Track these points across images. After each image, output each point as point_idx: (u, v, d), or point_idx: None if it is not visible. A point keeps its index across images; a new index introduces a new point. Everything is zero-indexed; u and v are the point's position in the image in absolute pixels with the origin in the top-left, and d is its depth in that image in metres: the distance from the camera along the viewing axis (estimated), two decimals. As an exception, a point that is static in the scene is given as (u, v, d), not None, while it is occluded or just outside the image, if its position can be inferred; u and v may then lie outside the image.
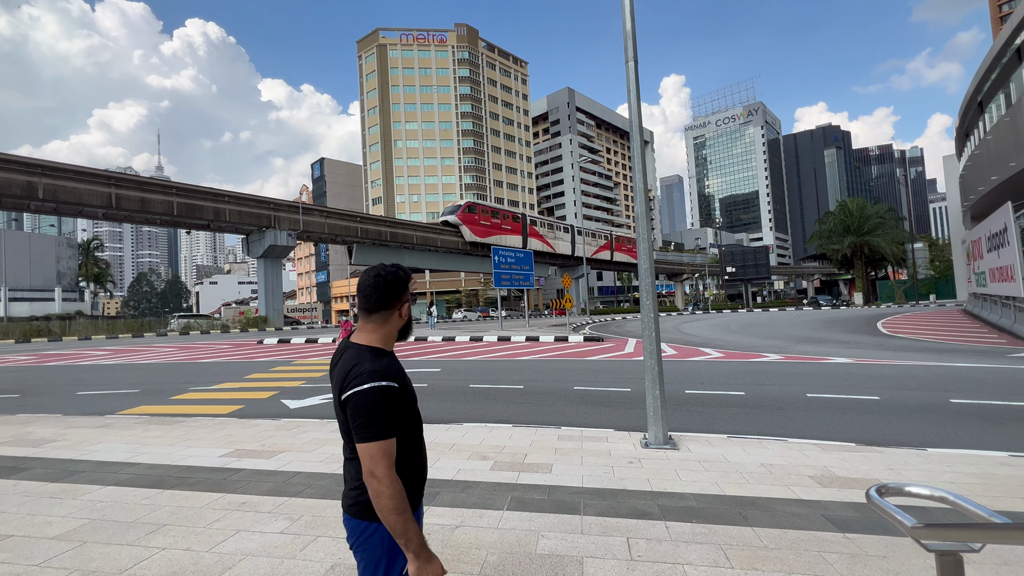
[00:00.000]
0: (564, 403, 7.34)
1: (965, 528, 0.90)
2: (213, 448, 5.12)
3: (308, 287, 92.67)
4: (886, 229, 60.04)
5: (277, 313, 37.16)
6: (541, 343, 17.90)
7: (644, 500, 3.51)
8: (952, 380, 8.37)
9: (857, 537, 2.89)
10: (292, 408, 7.46)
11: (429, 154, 78.83)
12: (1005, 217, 15.52)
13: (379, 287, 1.47)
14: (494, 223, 49.41)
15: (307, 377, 10.56)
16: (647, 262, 5.07)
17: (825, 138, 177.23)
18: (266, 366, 12.83)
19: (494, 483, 3.88)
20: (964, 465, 4.23)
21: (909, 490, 1.16)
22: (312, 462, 4.55)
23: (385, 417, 1.33)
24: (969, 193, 25.92)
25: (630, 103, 5.15)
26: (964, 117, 27.31)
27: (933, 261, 66.10)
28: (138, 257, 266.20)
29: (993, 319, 20.07)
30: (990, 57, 21.43)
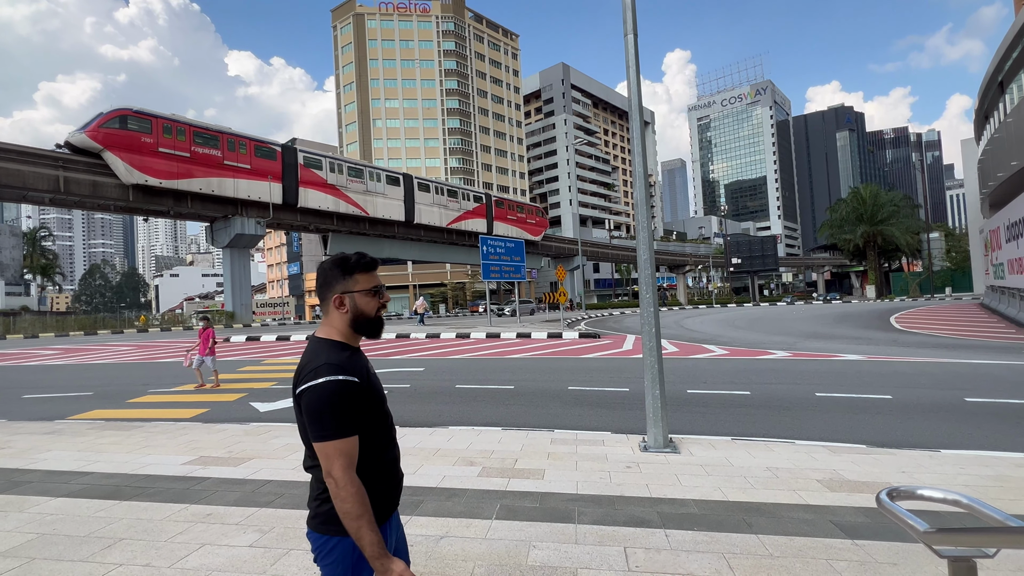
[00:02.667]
0: (558, 404, 7.38)
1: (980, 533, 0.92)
2: (175, 455, 5.07)
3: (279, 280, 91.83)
4: (900, 218, 60.96)
5: (245, 308, 36.80)
6: (533, 340, 17.95)
7: (643, 507, 3.55)
8: (968, 378, 8.55)
9: (867, 544, 2.95)
10: (262, 411, 7.41)
11: (411, 135, 78.19)
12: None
13: (318, 276, 1.48)
14: (197, 152, 29.95)
15: (278, 378, 10.50)
16: (647, 252, 5.09)
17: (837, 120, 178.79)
18: (233, 366, 12.72)
19: (482, 490, 3.89)
20: (979, 467, 4.33)
21: (921, 493, 1.18)
22: (284, 470, 4.53)
23: (342, 414, 1.31)
24: (988, 179, 26.36)
25: (629, 80, 5.14)
26: (984, 98, 27.70)
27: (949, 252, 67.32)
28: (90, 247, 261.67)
29: (1011, 313, 20.51)
30: (1012, 33, 21.71)
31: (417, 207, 45.24)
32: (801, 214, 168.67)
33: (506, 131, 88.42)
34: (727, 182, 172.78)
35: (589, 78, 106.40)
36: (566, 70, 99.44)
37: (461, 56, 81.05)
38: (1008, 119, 21.17)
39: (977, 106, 30.25)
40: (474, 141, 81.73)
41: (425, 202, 45.91)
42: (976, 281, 44.14)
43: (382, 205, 42.81)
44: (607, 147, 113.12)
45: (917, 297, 53.03)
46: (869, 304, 44.62)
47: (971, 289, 49.82)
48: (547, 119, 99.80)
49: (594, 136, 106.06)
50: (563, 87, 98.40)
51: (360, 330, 1.48)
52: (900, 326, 20.28)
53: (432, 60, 79.38)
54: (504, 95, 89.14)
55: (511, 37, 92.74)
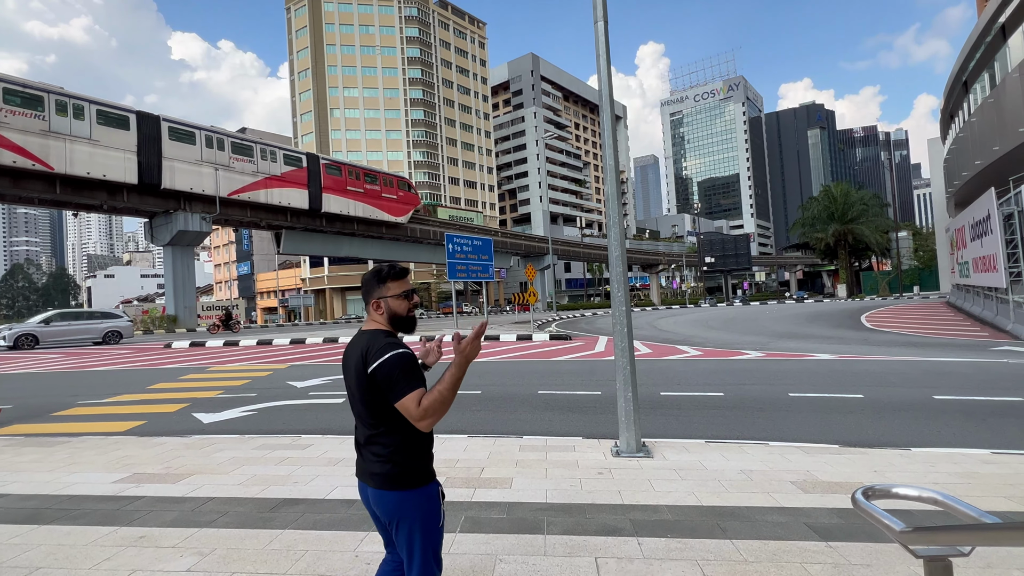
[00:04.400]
0: (527, 409, 7.36)
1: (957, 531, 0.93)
2: (105, 473, 4.82)
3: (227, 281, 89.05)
4: (870, 217, 63.72)
5: (189, 312, 35.52)
6: (502, 343, 17.92)
7: (615, 514, 3.55)
8: (936, 376, 8.97)
9: (840, 545, 3.03)
10: (206, 423, 7.13)
11: (372, 126, 77.07)
12: (988, 204, 16.74)
13: (362, 286, 2.01)
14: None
15: (225, 386, 10.14)
16: (618, 248, 5.12)
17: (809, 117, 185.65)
18: (174, 374, 12.23)
19: (446, 501, 3.82)
20: (948, 464, 4.52)
21: (897, 492, 1.20)
22: (229, 486, 4.36)
23: (412, 372, 1.78)
24: (953, 178, 27.81)
25: (599, 69, 5.16)
26: (949, 98, 29.20)
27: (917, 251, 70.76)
28: (12, 245, 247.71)
29: (976, 311, 21.70)
30: (975, 34, 22.97)
31: (167, 165, 32.53)
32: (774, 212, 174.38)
33: (473, 124, 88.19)
34: (700, 179, 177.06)
35: (560, 70, 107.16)
36: (536, 61, 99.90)
37: (425, 44, 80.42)
38: (972, 119, 22.38)
39: (943, 106, 31.88)
40: (439, 134, 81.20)
41: (184, 158, 33.36)
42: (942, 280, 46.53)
43: (82, 155, 29.16)
44: (578, 142, 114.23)
45: (886, 296, 55.49)
46: (840, 303, 46.44)
47: (938, 288, 52.48)
48: (516, 112, 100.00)
49: (565, 130, 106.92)
50: (532, 79, 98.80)
51: (396, 326, 1.94)
52: (870, 325, 21.16)
53: (394, 47, 78.47)
54: (471, 86, 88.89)
55: (478, 25, 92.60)
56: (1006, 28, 19.57)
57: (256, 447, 5.58)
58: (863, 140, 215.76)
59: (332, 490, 4.17)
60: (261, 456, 5.23)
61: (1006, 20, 19.47)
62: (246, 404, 8.25)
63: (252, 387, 9.93)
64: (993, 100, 18.77)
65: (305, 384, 10.02)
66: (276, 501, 3.97)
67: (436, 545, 1.90)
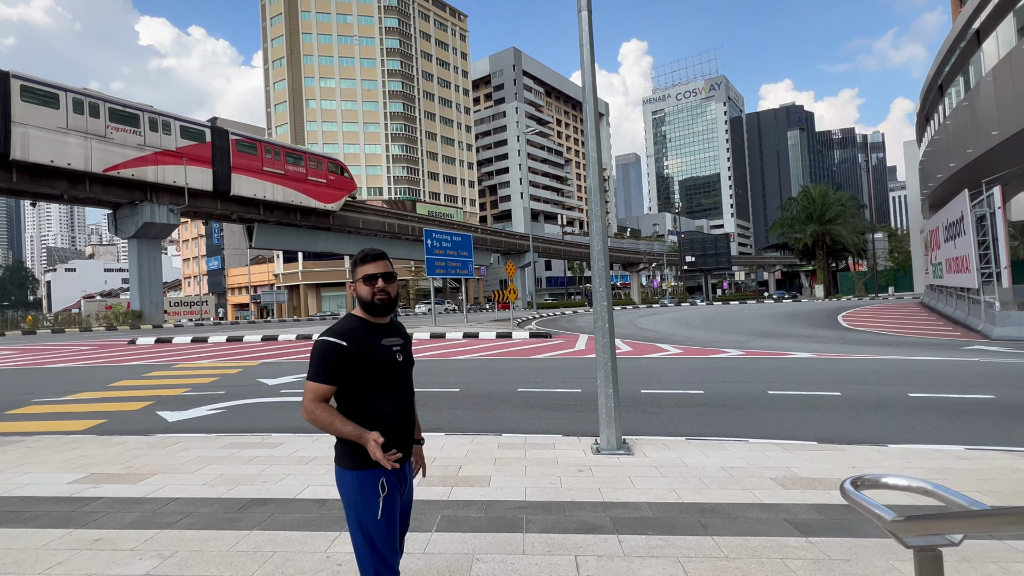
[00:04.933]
0: (506, 407, 7.33)
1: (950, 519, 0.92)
2: (60, 473, 4.63)
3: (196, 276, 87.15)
4: (848, 218, 65.25)
5: (155, 307, 34.66)
6: (481, 340, 17.86)
7: (595, 512, 3.53)
8: (910, 374, 9.20)
9: (820, 541, 3.06)
10: (171, 421, 6.94)
11: (349, 118, 76.09)
12: (962, 206, 17.24)
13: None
14: None
15: (192, 384, 9.89)
16: (600, 243, 5.11)
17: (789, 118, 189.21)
18: (138, 371, 11.89)
19: (421, 501, 3.76)
20: (923, 460, 4.62)
21: (886, 482, 1.19)
22: (193, 486, 4.23)
23: (318, 364, 1.86)
24: (928, 181, 28.61)
25: (583, 59, 5.13)
26: (925, 101, 30.02)
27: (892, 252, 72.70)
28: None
29: (948, 312, 22.37)
30: (950, 39, 23.63)
31: (19, 132, 27.48)
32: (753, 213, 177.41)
33: (453, 118, 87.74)
34: (681, 178, 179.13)
35: (542, 65, 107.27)
36: (518, 55, 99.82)
37: (405, 35, 79.68)
38: (947, 122, 23.03)
39: (918, 109, 32.76)
40: (418, 127, 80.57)
41: (43, 124, 28.41)
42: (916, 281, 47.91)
43: None
44: (560, 139, 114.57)
45: (862, 296, 56.91)
46: (818, 303, 47.48)
47: (912, 288, 54.01)
48: (497, 106, 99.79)
49: (547, 126, 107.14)
50: (514, 73, 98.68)
51: (365, 310, 2.00)
52: (847, 324, 21.66)
53: (372, 37, 77.57)
54: (451, 79, 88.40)
55: (459, 17, 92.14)
56: (980, 33, 20.16)
57: (223, 446, 5.44)
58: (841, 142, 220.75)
59: (303, 489, 4.07)
60: (229, 455, 5.09)
61: (980, 25, 20.07)
62: (214, 402, 8.05)
63: (220, 385, 9.71)
64: (967, 104, 19.33)
65: (277, 382, 9.83)
66: (244, 501, 3.85)
67: (373, 537, 1.88)
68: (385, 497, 1.89)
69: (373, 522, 1.88)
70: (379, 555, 1.89)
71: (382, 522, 1.88)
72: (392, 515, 1.92)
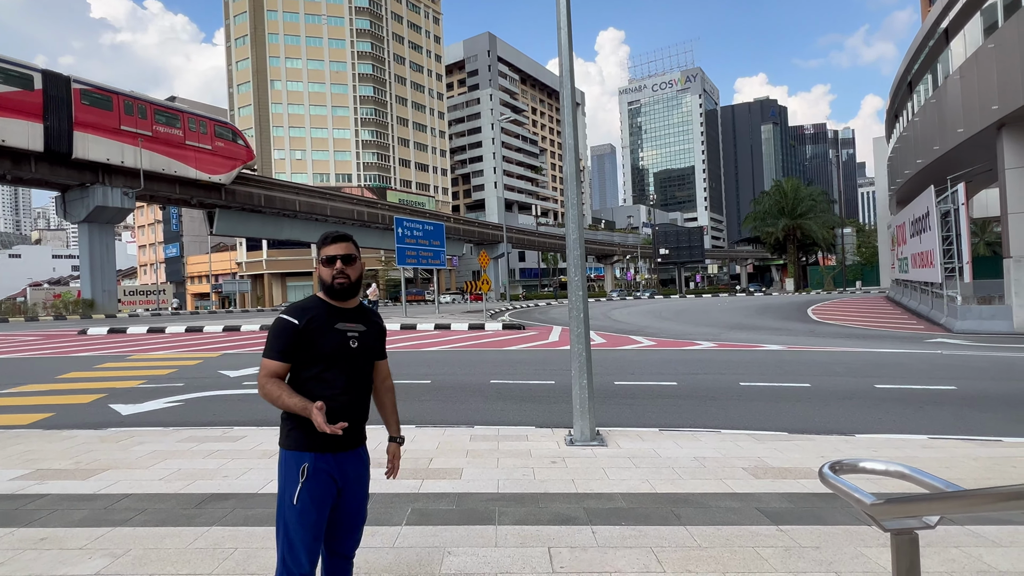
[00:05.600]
0: (478, 399, 7.31)
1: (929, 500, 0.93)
2: (2, 469, 4.42)
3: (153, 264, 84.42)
4: (818, 213, 67.13)
5: (108, 296, 33.44)
6: (453, 331, 17.79)
7: (568, 503, 3.55)
8: (877, 366, 9.53)
9: (791, 529, 3.14)
10: (125, 415, 6.70)
11: (317, 100, 74.36)
12: (928, 202, 17.88)
13: None
14: None
15: (148, 376, 9.58)
16: (576, 231, 5.11)
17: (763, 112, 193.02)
18: (90, 363, 11.46)
19: (391, 494, 3.72)
20: (889, 449, 4.79)
21: (864, 466, 1.20)
22: (148, 481, 4.09)
23: (272, 340, 1.91)
24: (896, 177, 29.57)
25: (560, 43, 5.09)
26: (894, 98, 30.95)
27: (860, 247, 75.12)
28: None
29: (912, 305, 23.26)
30: (919, 37, 24.36)
31: None
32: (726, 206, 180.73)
33: (426, 103, 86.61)
34: (656, 170, 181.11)
35: (518, 51, 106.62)
36: (492, 41, 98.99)
37: (376, 16, 78.11)
38: (915, 118, 23.80)
39: (888, 106, 33.77)
40: (390, 112, 79.30)
41: None
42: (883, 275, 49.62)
43: None
44: (536, 128, 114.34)
45: (831, 290, 58.70)
46: (788, 296, 48.79)
47: (878, 283, 55.93)
48: (471, 93, 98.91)
49: (522, 114, 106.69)
50: (489, 59, 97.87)
51: (325, 292, 2.00)
52: (816, 317, 22.31)
53: (342, 17, 75.79)
54: (424, 63, 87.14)
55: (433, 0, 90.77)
56: (948, 32, 20.83)
57: (181, 439, 5.28)
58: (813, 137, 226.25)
59: (266, 484, 3.98)
60: (187, 449, 4.95)
61: (949, 24, 20.73)
62: (172, 395, 7.81)
63: (179, 376, 9.43)
64: (935, 101, 19.99)
65: (239, 373, 9.59)
66: (202, 496, 3.74)
67: (287, 521, 1.84)
68: (306, 483, 1.84)
69: (288, 506, 1.84)
70: (289, 543, 1.84)
71: (297, 508, 1.83)
72: (313, 505, 1.85)
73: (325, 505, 1.89)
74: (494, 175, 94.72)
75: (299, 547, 1.83)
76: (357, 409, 2.01)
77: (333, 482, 1.91)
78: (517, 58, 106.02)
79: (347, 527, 2.01)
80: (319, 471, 1.87)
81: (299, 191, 45.78)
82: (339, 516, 1.97)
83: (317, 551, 1.90)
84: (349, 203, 49.53)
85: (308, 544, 1.85)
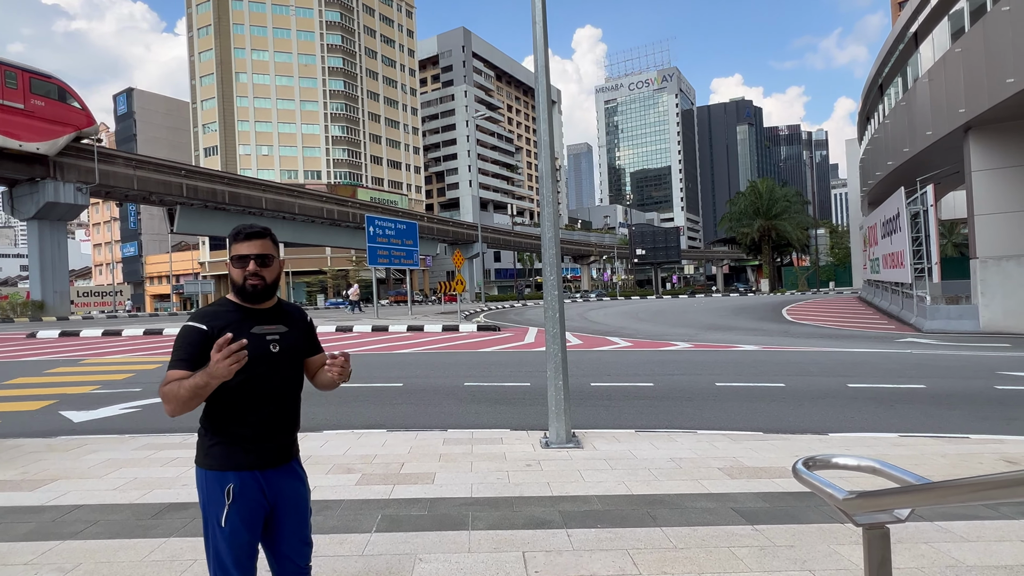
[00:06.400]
0: (452, 402, 7.28)
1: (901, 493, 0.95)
2: (-59, 482, 4.22)
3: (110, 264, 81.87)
4: (792, 213, 68.83)
5: (60, 297, 32.29)
6: (426, 333, 17.68)
7: (543, 507, 3.55)
8: (849, 365, 9.80)
9: (766, 528, 3.19)
10: (77, 422, 6.47)
11: (284, 94, 73.12)
12: (898, 203, 18.47)
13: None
14: None
15: (103, 380, 9.27)
16: (551, 229, 5.12)
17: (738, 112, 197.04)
18: (39, 367, 11.04)
19: (360, 500, 3.67)
20: (861, 448, 4.92)
21: (836, 461, 1.23)
22: (102, 491, 3.95)
23: (178, 350, 1.71)
24: (868, 178, 30.47)
25: (535, 38, 5.10)
26: (866, 101, 31.92)
27: (833, 248, 77.28)
28: None
29: (884, 306, 23.99)
30: (890, 41, 25.18)
31: None
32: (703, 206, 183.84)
33: (398, 99, 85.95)
34: (633, 170, 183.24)
35: (493, 48, 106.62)
36: (467, 36, 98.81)
37: (346, 8, 77.21)
38: (886, 121, 24.58)
39: (860, 108, 34.80)
40: (360, 107, 78.45)
41: None
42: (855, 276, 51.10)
43: None
44: (511, 125, 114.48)
45: (805, 291, 60.20)
46: (763, 297, 49.85)
47: (851, 283, 57.58)
48: (445, 89, 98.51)
49: (497, 112, 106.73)
50: (464, 55, 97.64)
51: (237, 295, 1.83)
52: (791, 318, 22.84)
53: (311, 8, 74.68)
54: (397, 57, 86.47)
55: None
56: (918, 36, 21.57)
57: (138, 447, 5.12)
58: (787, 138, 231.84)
59: (229, 492, 3.87)
60: (144, 457, 4.80)
61: (918, 28, 21.46)
62: (128, 400, 7.57)
63: (136, 381, 9.15)
64: (905, 104, 20.67)
65: (201, 378, 9.34)
66: (160, 506, 3.63)
67: (217, 545, 1.73)
68: (233, 504, 1.72)
69: (215, 528, 1.73)
70: (223, 568, 1.74)
71: (226, 530, 1.71)
72: (243, 526, 1.74)
73: (257, 525, 1.78)
74: (469, 173, 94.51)
75: (233, 572, 1.74)
76: (284, 420, 1.87)
77: (264, 499, 1.79)
78: (492, 54, 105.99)
79: (292, 544, 1.88)
80: (247, 490, 1.74)
81: (266, 188, 44.98)
82: (279, 535, 1.85)
83: (253, 573, 1.81)
84: (318, 201, 48.84)
85: (244, 566, 1.76)
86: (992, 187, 15.09)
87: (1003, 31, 12.91)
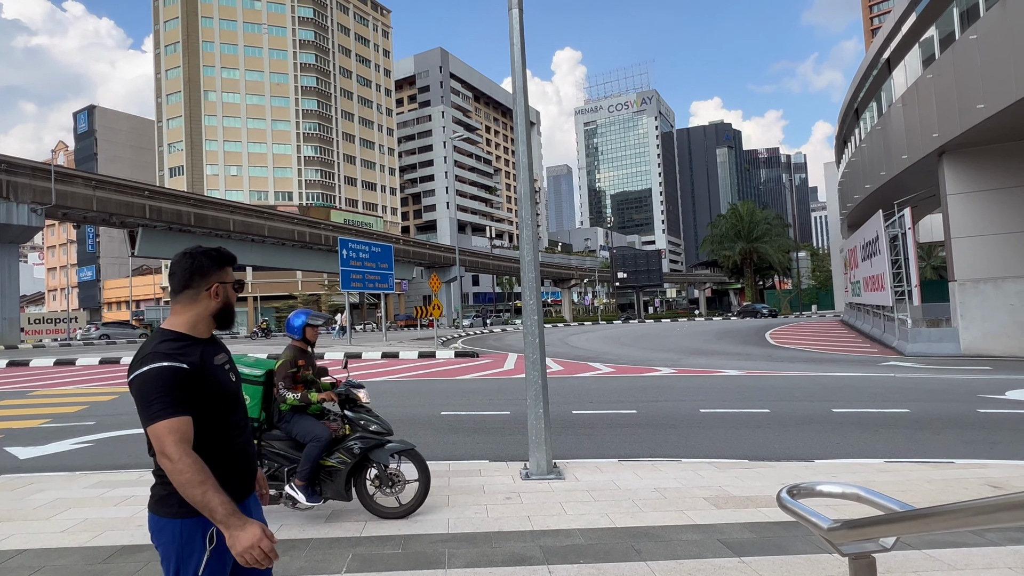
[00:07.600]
0: (428, 432, 7.18)
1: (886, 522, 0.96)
2: None
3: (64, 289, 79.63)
4: (773, 236, 70.45)
5: (10, 324, 31.22)
6: (402, 360, 17.49)
7: (523, 542, 3.50)
8: (833, 390, 9.94)
9: (753, 560, 3.18)
10: (23, 459, 6.21)
11: (255, 113, 72.98)
12: (877, 226, 19.04)
13: (185, 265, 1.73)
14: None
15: (54, 414, 8.94)
16: (531, 252, 5.15)
17: (718, 135, 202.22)
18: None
19: (330, 539, 3.57)
20: (848, 474, 4.97)
21: (820, 489, 1.24)
22: (48, 533, 3.78)
23: (168, 395, 1.54)
24: (847, 201, 31.41)
25: (513, 59, 5.20)
26: (842, 125, 33.11)
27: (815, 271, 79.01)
28: None
29: (865, 329, 24.52)
30: (864, 65, 26.28)
31: None
32: (684, 229, 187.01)
33: (374, 119, 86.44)
34: (613, 192, 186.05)
35: (471, 68, 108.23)
36: (445, 56, 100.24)
37: (321, 27, 77.93)
38: (863, 144, 25.48)
39: (837, 132, 36.07)
40: (335, 128, 78.64)
41: None
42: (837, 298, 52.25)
43: None
44: (489, 147, 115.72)
45: (788, 314, 61.26)
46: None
47: (833, 306, 58.81)
48: (422, 109, 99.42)
49: (475, 132, 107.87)
50: (441, 75, 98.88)
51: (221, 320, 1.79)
52: (774, 342, 23.17)
53: (284, 27, 75.21)
54: (372, 78, 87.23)
55: (382, 12, 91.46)
56: (891, 62, 22.55)
57: (90, 485, 4.92)
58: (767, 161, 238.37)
59: (188, 532, 3.74)
60: (96, 496, 4.61)
61: (890, 55, 22.46)
62: (80, 434, 7.31)
63: (90, 414, 8.85)
64: (880, 128, 21.49)
65: (160, 409, 9.07)
66: (112, 549, 3.48)
67: None
68: (214, 550, 1.65)
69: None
70: None
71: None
72: (221, 569, 1.68)
73: (229, 566, 1.71)
74: (446, 195, 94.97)
75: None
76: (251, 448, 1.89)
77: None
78: (470, 75, 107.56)
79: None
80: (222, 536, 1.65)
81: (234, 209, 44.47)
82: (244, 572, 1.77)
83: None
84: (289, 223, 48.40)
85: None
86: (968, 210, 15.66)
87: (972, 58, 13.57)
